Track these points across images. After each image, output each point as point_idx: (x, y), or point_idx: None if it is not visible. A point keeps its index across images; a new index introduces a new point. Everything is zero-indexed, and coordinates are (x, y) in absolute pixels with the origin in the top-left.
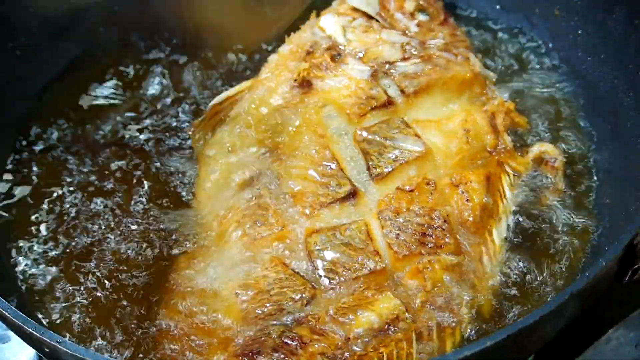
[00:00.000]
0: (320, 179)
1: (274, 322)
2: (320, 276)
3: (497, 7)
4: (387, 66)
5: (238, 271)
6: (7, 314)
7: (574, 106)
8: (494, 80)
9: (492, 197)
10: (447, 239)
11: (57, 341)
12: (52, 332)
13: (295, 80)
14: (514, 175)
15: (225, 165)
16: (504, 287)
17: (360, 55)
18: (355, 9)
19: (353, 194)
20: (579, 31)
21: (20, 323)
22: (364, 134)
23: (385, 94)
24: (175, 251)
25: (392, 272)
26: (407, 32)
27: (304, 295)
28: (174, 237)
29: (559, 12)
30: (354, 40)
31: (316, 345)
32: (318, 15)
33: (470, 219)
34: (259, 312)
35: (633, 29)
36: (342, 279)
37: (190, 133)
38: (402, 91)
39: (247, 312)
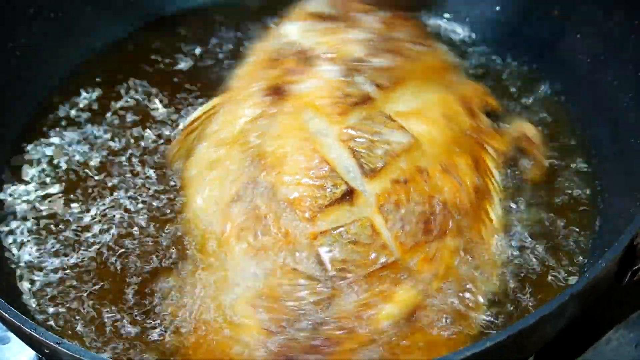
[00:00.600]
0: (315, 182)
1: (298, 328)
2: (334, 277)
3: (497, 8)
4: (358, 63)
5: (249, 284)
6: (6, 315)
7: (573, 107)
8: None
9: (482, 178)
10: (450, 224)
11: (56, 342)
12: (51, 333)
13: (268, 88)
14: (497, 155)
15: (210, 182)
16: (512, 266)
17: (329, 56)
18: (315, 13)
19: (350, 193)
20: (578, 33)
21: (19, 324)
22: (350, 132)
23: (362, 90)
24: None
25: (403, 263)
26: (371, 28)
27: (322, 297)
28: (172, 253)
29: (558, 13)
30: (320, 42)
31: (346, 344)
32: (280, 23)
33: (466, 201)
34: (280, 321)
35: (632, 29)
36: (356, 276)
37: (168, 155)
38: (378, 86)
39: (268, 323)
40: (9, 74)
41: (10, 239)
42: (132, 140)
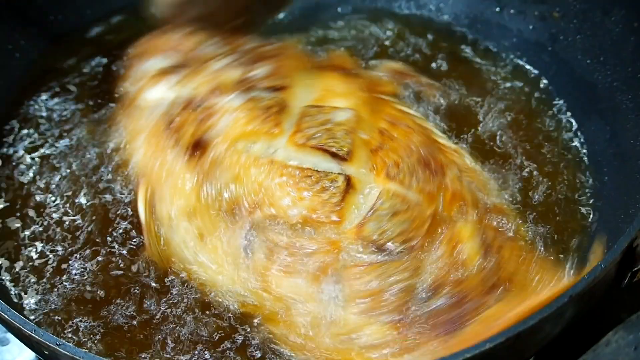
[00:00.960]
0: (312, 190)
1: (412, 309)
2: (403, 251)
3: (497, 9)
4: (246, 82)
5: (332, 298)
6: (6, 316)
7: (572, 108)
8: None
9: (412, 119)
10: (442, 159)
11: (56, 344)
12: (51, 334)
13: (188, 148)
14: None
15: (211, 254)
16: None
17: (218, 90)
18: (163, 70)
19: (348, 179)
20: (578, 34)
21: (19, 325)
22: (300, 134)
23: (274, 98)
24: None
25: (437, 211)
26: (222, 53)
27: (409, 274)
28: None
29: (558, 14)
30: (195, 87)
31: (468, 296)
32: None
33: (422, 137)
34: (389, 314)
35: (632, 30)
36: (419, 238)
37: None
38: (280, 89)
39: (380, 320)
40: None
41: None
42: None
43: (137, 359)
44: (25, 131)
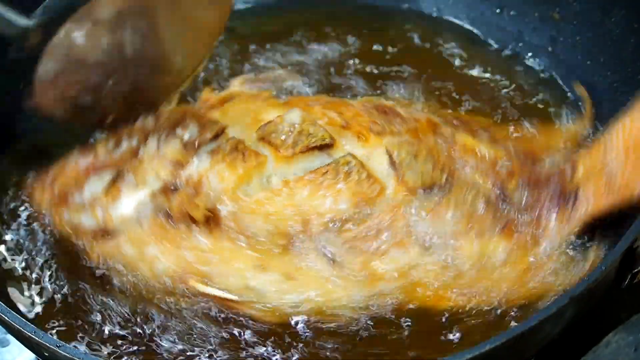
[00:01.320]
0: (342, 179)
1: (506, 211)
2: (449, 178)
3: (497, 10)
4: (190, 146)
5: (438, 245)
6: (6, 317)
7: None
8: None
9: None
10: (389, 105)
11: (56, 345)
12: (51, 335)
13: (204, 225)
14: None
15: (304, 281)
16: None
17: (178, 165)
18: (110, 185)
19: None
20: (578, 35)
21: (19, 327)
22: (284, 150)
23: (228, 142)
24: None
25: (435, 139)
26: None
27: (473, 189)
28: None
29: (558, 15)
30: (156, 176)
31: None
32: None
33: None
34: (493, 227)
35: (632, 31)
36: (451, 164)
37: None
38: (219, 134)
39: (493, 236)
40: None
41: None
42: None
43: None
44: None
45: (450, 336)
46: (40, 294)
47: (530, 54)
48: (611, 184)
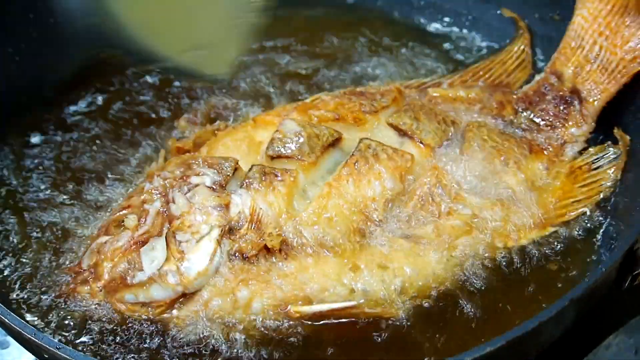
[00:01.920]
0: (377, 162)
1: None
2: (462, 121)
3: (497, 12)
4: (220, 185)
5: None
6: (6, 319)
7: None
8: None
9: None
10: (370, 90)
11: (56, 347)
12: (50, 337)
13: (279, 253)
14: None
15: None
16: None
17: (223, 207)
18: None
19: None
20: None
21: (19, 329)
22: (307, 157)
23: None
24: None
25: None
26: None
27: (496, 115)
28: None
29: (559, 17)
30: (211, 222)
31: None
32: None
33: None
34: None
35: None
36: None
37: None
38: (236, 168)
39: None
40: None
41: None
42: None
43: None
44: None
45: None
46: None
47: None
48: (607, 68)
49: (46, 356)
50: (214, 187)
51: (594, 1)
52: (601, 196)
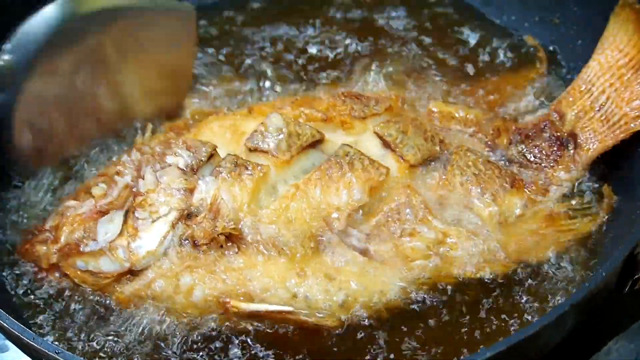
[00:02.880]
0: (353, 169)
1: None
2: (442, 141)
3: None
4: (188, 172)
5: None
6: (5, 324)
7: None
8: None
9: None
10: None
11: (55, 352)
12: (50, 342)
13: (224, 243)
14: None
15: (346, 279)
16: None
17: (187, 192)
18: (123, 222)
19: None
20: (579, 40)
21: (18, 333)
22: (281, 154)
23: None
24: None
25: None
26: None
27: (485, 137)
28: None
29: (559, 20)
30: (169, 204)
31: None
32: None
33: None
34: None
35: None
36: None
37: None
38: (211, 155)
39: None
40: None
41: None
42: None
43: None
44: None
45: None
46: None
47: (530, 58)
48: (608, 120)
49: None
50: (185, 170)
51: (613, 50)
52: (571, 244)
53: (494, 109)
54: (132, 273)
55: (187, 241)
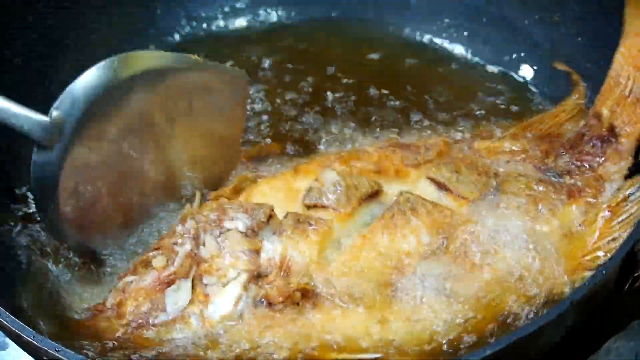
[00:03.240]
0: (420, 216)
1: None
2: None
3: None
4: (252, 236)
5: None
6: (5, 322)
7: None
8: None
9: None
10: (415, 143)
11: (55, 350)
12: (50, 340)
13: (299, 301)
14: None
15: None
16: None
17: (253, 253)
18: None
19: (421, 198)
20: (579, 38)
21: (18, 331)
22: (342, 207)
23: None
24: None
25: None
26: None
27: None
28: None
29: (559, 18)
30: (237, 267)
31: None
32: None
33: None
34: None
35: None
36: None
37: None
38: (270, 217)
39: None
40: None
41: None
42: None
43: None
44: None
45: None
46: None
47: (529, 56)
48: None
49: (45, 359)
50: (247, 233)
51: (632, 37)
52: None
53: (539, 138)
54: (210, 340)
55: (261, 302)
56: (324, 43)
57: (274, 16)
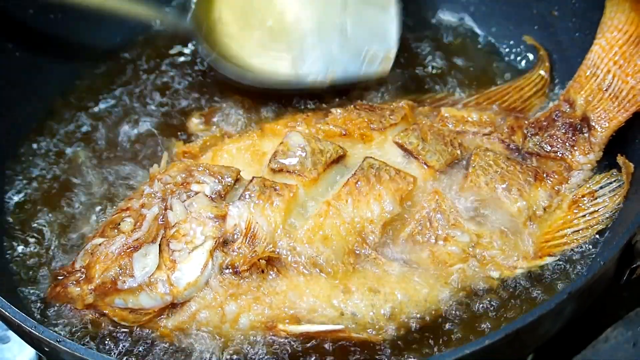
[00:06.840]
0: (380, 180)
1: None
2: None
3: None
4: (218, 199)
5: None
6: (6, 312)
7: None
8: None
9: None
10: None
11: (56, 340)
12: (51, 330)
13: (264, 268)
14: None
15: (391, 293)
16: None
17: (219, 220)
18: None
19: (384, 164)
20: (577, 32)
21: (19, 322)
22: (307, 174)
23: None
24: None
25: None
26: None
27: (504, 139)
28: None
29: (557, 13)
30: (206, 233)
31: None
32: None
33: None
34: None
35: None
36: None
37: None
38: (237, 179)
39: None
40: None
41: None
42: None
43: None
44: None
45: None
46: None
47: (528, 50)
48: (617, 96)
49: (47, 349)
50: (213, 197)
51: (612, 31)
52: (601, 227)
53: (505, 111)
54: (174, 306)
55: (227, 269)
56: None
57: None
